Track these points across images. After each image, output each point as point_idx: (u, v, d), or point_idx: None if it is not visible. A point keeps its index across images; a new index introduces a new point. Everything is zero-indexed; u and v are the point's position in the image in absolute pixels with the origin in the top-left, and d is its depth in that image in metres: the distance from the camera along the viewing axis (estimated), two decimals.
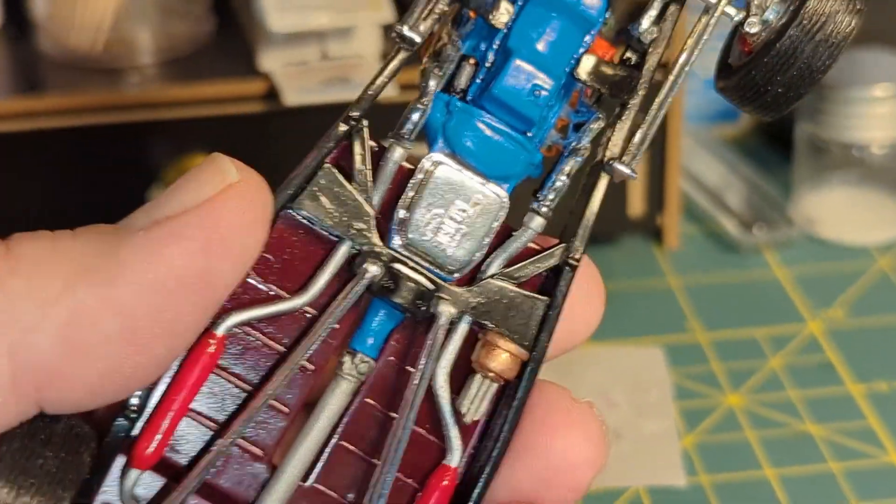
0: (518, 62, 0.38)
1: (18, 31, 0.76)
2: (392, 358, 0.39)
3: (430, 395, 0.38)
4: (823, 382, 0.70)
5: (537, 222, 0.38)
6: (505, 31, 0.38)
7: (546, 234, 0.40)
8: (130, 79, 0.73)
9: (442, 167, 0.37)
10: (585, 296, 0.39)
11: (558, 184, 0.39)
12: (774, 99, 0.39)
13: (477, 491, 0.38)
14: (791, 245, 0.81)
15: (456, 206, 0.38)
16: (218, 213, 0.35)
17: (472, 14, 0.38)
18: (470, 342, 0.38)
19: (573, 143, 0.39)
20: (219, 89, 0.72)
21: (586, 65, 0.39)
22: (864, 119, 0.78)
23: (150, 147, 0.72)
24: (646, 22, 0.39)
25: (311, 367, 0.37)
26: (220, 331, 0.36)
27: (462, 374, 0.38)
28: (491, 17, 0.38)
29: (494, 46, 0.38)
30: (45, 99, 0.72)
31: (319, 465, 0.38)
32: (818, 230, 0.81)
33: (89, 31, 0.73)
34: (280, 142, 0.72)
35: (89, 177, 0.72)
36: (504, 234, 0.39)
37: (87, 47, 0.73)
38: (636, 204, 0.78)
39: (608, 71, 0.38)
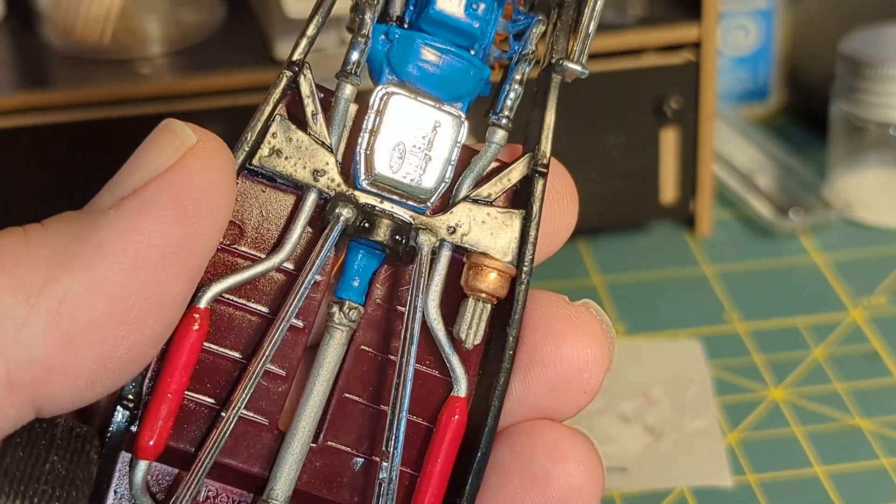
0: None
1: (21, 24, 0.73)
2: (380, 300, 0.38)
3: (425, 329, 0.37)
4: (870, 373, 0.67)
5: (499, 135, 0.38)
6: None
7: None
8: (140, 70, 0.70)
9: (394, 98, 0.37)
10: (558, 197, 0.39)
11: (513, 93, 0.38)
12: None
13: (491, 415, 0.37)
14: (828, 229, 0.78)
15: (416, 136, 0.37)
16: (184, 177, 0.34)
17: None
18: (454, 270, 0.38)
19: (519, 51, 0.39)
20: (234, 79, 0.69)
21: None
22: None
23: None
24: None
25: (301, 324, 0.37)
26: (203, 303, 0.35)
27: (452, 302, 0.38)
28: None
29: None
30: (52, 93, 0.69)
31: (329, 421, 0.37)
32: (856, 213, 0.78)
33: (96, 21, 0.70)
34: None
35: (99, 172, 0.69)
36: (468, 155, 0.38)
37: (95, 38, 0.70)
38: (668, 190, 0.75)
39: None
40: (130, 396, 0.35)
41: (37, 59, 0.72)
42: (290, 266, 0.37)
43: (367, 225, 0.37)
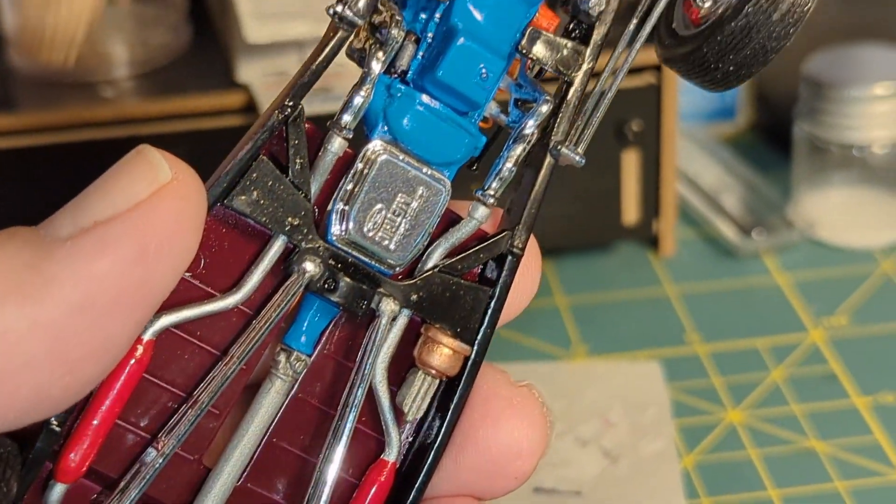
0: (462, 42, 0.36)
1: None
2: (327, 350, 0.38)
3: (369, 389, 0.37)
4: (827, 395, 0.68)
5: (482, 212, 0.38)
6: (447, 2, 0.37)
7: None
8: (105, 93, 0.71)
9: (383, 158, 0.36)
10: (525, 268, 0.38)
11: (505, 173, 0.38)
12: (725, 76, 0.38)
13: (416, 487, 0.37)
14: (791, 249, 0.78)
15: (398, 200, 0.37)
16: (152, 217, 0.33)
17: None
18: (411, 329, 0.38)
19: (519, 129, 0.38)
20: (196, 103, 0.70)
21: (530, 38, 0.38)
22: (865, 118, 0.76)
23: None
24: None
25: (243, 365, 0.36)
26: (148, 335, 0.35)
27: (401, 362, 0.38)
28: None
29: (436, 19, 0.37)
30: (17, 117, 0.69)
31: (253, 464, 0.37)
32: (819, 233, 0.79)
33: (62, 44, 0.71)
34: None
35: (64, 196, 0.70)
36: (446, 221, 0.38)
37: (60, 62, 0.71)
38: (630, 211, 0.76)
39: (553, 45, 0.38)
40: (57, 422, 0.34)
41: (2, 82, 0.73)
42: (245, 308, 0.36)
43: (329, 285, 0.36)
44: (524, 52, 0.37)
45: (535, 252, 0.39)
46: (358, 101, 0.36)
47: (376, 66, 0.36)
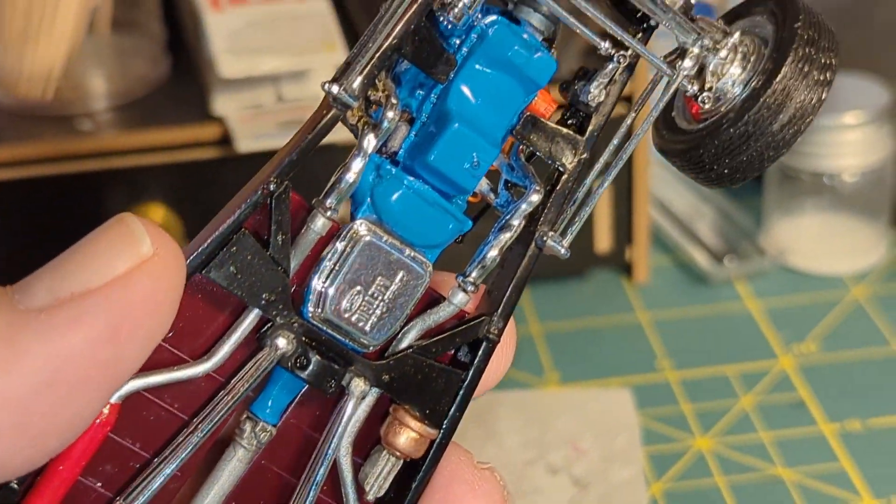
0: (457, 128, 0.36)
1: None
2: (294, 419, 0.37)
3: (333, 462, 0.37)
4: (795, 422, 0.68)
5: (461, 298, 0.37)
6: (444, 84, 0.37)
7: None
8: (83, 126, 0.72)
9: (366, 240, 0.36)
10: (499, 346, 0.38)
11: (488, 261, 0.37)
12: (719, 177, 0.38)
13: None
14: (763, 276, 0.79)
15: (377, 283, 0.36)
16: (128, 294, 0.32)
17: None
18: (379, 405, 0.37)
19: (506, 218, 0.37)
20: (172, 135, 0.70)
21: (526, 123, 0.37)
22: (835, 147, 0.77)
23: (103, 196, 0.71)
24: (595, 87, 0.38)
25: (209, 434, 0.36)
26: (115, 398, 0.34)
27: (368, 435, 0.37)
28: (433, 70, 0.36)
29: (432, 98, 0.37)
30: None
31: None
32: (790, 260, 0.80)
33: (40, 78, 0.72)
34: (233, 189, 0.70)
35: (40, 229, 0.71)
36: (426, 300, 0.38)
37: (38, 95, 0.72)
38: (603, 239, 0.77)
39: (548, 133, 0.37)
40: (16, 482, 0.34)
41: None
42: (216, 375, 0.36)
43: (300, 362, 0.36)
44: (518, 137, 0.37)
45: (510, 331, 0.38)
46: (347, 181, 0.35)
47: (368, 148, 0.35)
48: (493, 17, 0.37)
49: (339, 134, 0.36)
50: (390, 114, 0.36)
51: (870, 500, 0.63)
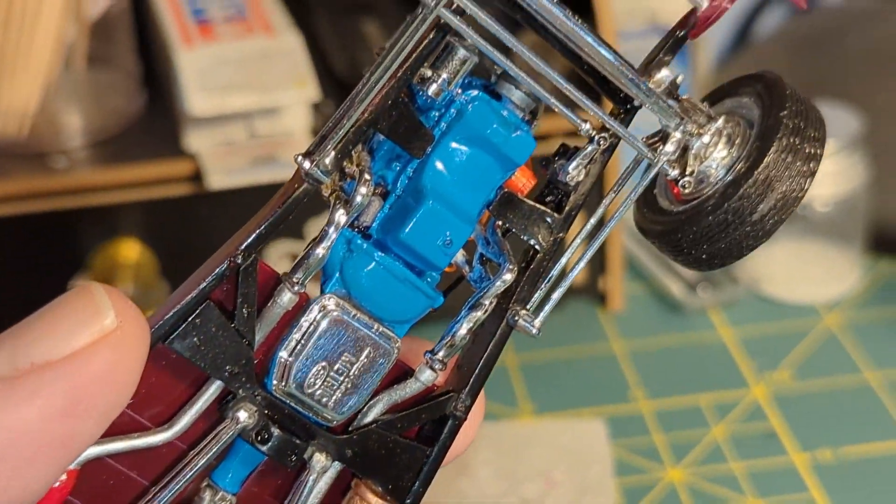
0: (431, 206, 0.36)
1: None
2: (255, 489, 0.37)
3: None
4: (766, 452, 0.69)
5: (427, 376, 0.37)
6: (420, 159, 0.36)
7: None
8: (58, 163, 0.72)
9: (333, 316, 0.36)
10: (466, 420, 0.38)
11: (457, 339, 0.37)
12: (696, 261, 0.38)
13: None
14: (736, 305, 0.80)
15: (342, 359, 0.36)
16: (89, 368, 0.32)
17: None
18: (341, 478, 0.37)
19: (478, 297, 0.37)
20: (145, 172, 0.71)
21: (503, 200, 0.37)
22: None
23: (78, 233, 0.71)
24: (573, 168, 0.37)
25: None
26: (74, 465, 0.34)
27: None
28: (409, 145, 0.36)
29: (408, 173, 0.37)
30: None
31: None
32: (764, 288, 0.80)
33: (15, 115, 0.72)
34: (208, 225, 0.70)
35: (15, 268, 0.71)
36: (395, 373, 0.37)
37: (13, 132, 0.72)
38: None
39: (524, 210, 0.37)
40: None
41: None
42: (179, 443, 0.36)
43: (261, 436, 0.36)
44: (494, 213, 0.37)
45: (479, 403, 0.38)
46: (316, 257, 0.35)
47: (339, 223, 0.35)
48: (473, 93, 0.36)
49: None
50: (363, 189, 0.35)
51: None
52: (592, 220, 0.38)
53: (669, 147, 0.37)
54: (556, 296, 0.37)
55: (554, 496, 0.67)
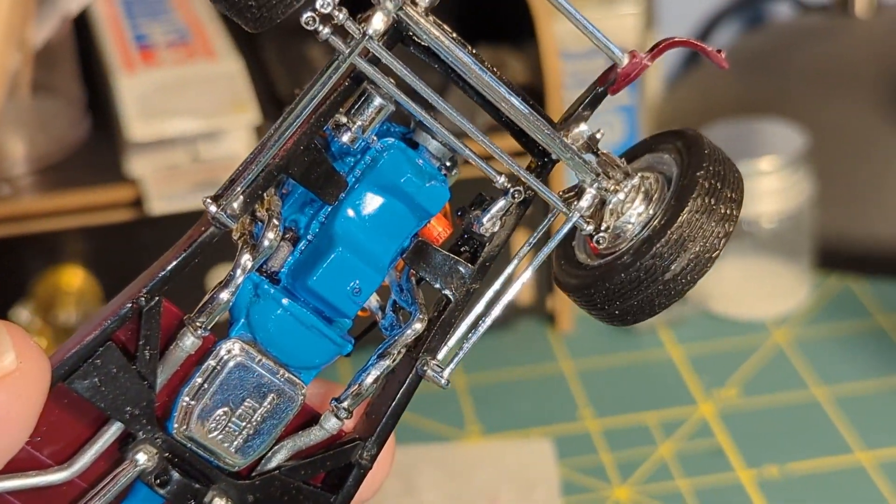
0: (339, 253, 0.36)
1: None
2: None
3: None
4: (712, 469, 0.69)
5: (332, 424, 0.37)
6: (333, 206, 0.36)
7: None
8: (1, 191, 0.72)
9: (237, 360, 0.36)
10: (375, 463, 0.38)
11: (364, 388, 0.37)
12: (610, 317, 0.38)
13: None
14: (686, 322, 0.80)
15: (245, 405, 0.36)
16: None
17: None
18: None
19: (387, 346, 0.37)
20: (88, 198, 0.71)
21: (416, 249, 0.37)
22: (751, 193, 0.77)
23: (22, 260, 0.71)
24: (488, 221, 0.37)
25: None
26: None
27: None
28: (321, 192, 0.35)
29: (320, 218, 0.36)
30: None
31: None
32: (712, 305, 0.80)
33: None
34: (151, 250, 0.70)
35: None
36: (302, 417, 0.37)
37: None
38: (524, 291, 0.77)
39: (437, 260, 0.37)
40: None
41: None
42: (78, 481, 0.36)
43: (160, 479, 0.36)
44: (408, 262, 0.37)
45: (388, 449, 0.38)
46: (220, 301, 0.35)
47: (245, 267, 0.35)
48: (389, 140, 0.36)
49: None
50: (270, 234, 0.35)
51: None
52: (507, 271, 0.37)
53: (584, 202, 0.37)
54: (466, 347, 0.37)
55: None
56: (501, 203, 0.37)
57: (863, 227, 0.82)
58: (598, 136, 0.37)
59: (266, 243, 0.35)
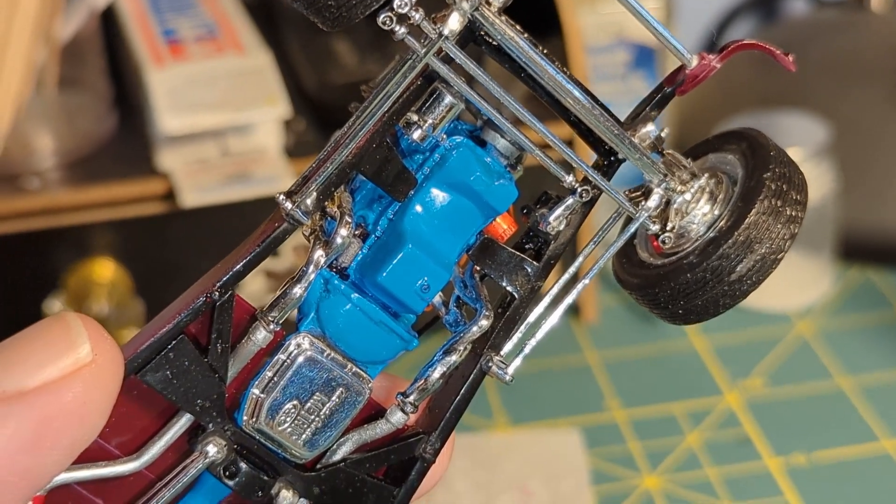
0: (410, 250, 0.36)
1: None
2: None
3: None
4: (741, 458, 0.69)
5: (398, 418, 0.37)
6: (402, 203, 0.36)
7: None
8: (30, 184, 0.72)
9: (307, 355, 0.36)
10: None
11: (430, 384, 0.37)
12: (672, 315, 0.38)
13: None
14: None
15: (314, 399, 0.36)
16: (59, 400, 0.31)
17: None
18: None
19: (453, 342, 0.37)
20: (118, 191, 0.71)
21: (482, 247, 0.37)
22: None
23: (49, 254, 0.71)
24: (554, 219, 0.37)
25: None
26: (41, 490, 0.34)
27: None
28: (391, 189, 0.35)
29: (389, 215, 0.37)
30: None
31: None
32: None
33: None
34: (181, 243, 0.71)
35: None
36: (367, 411, 0.37)
37: None
38: (550, 280, 0.77)
39: (502, 257, 0.37)
40: None
41: None
42: (147, 472, 0.36)
43: (229, 471, 0.36)
44: (473, 258, 0.37)
45: (448, 444, 0.38)
46: (293, 296, 0.35)
47: (318, 263, 0.35)
48: (457, 139, 0.36)
49: None
50: (343, 231, 0.35)
51: None
52: (571, 270, 0.38)
53: (651, 203, 0.37)
54: (531, 343, 0.37)
55: None
56: (569, 202, 0.37)
57: (883, 220, 0.83)
58: (663, 135, 0.38)
59: (339, 240, 0.35)
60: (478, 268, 0.37)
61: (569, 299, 0.38)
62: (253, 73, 0.71)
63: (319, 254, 0.35)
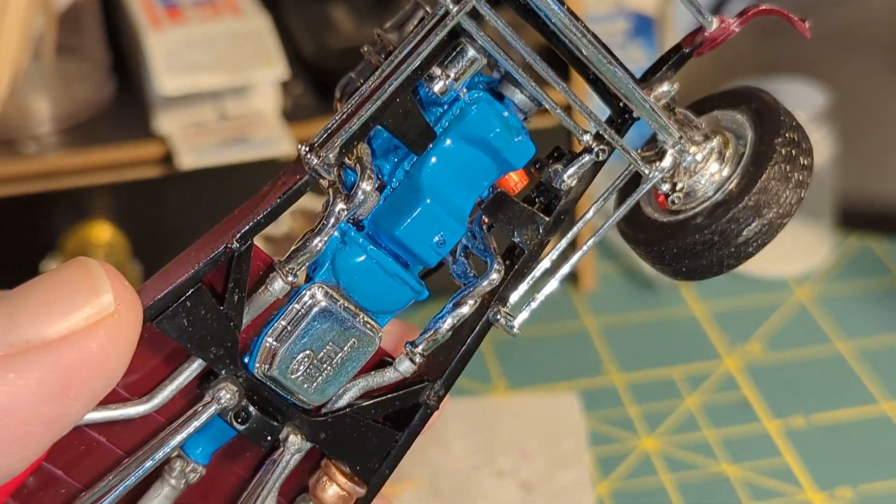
0: (428, 205, 0.36)
1: None
2: (224, 461, 0.38)
3: None
4: (740, 420, 0.69)
5: (406, 367, 0.37)
6: (419, 154, 0.36)
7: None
8: (28, 148, 0.72)
9: (322, 306, 0.36)
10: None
11: (439, 335, 0.37)
12: (675, 273, 0.38)
13: None
14: (707, 280, 0.80)
15: (327, 348, 0.36)
16: (83, 351, 0.31)
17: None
18: (310, 455, 0.38)
19: (462, 295, 0.37)
20: (115, 155, 0.71)
21: (494, 200, 0.37)
22: None
23: (47, 217, 0.71)
24: (569, 176, 0.37)
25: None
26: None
27: (292, 483, 0.38)
28: (411, 142, 0.35)
29: (405, 166, 0.37)
30: None
31: None
32: None
33: None
34: (179, 206, 0.71)
35: None
36: (373, 360, 0.37)
37: None
38: (547, 248, 0.77)
39: (514, 211, 0.37)
40: None
41: None
42: (157, 416, 0.36)
43: (239, 416, 0.36)
44: (485, 212, 0.37)
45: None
46: (313, 248, 0.35)
47: (339, 216, 0.35)
48: (477, 93, 0.36)
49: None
50: (366, 186, 0.35)
51: (813, 493, 0.64)
52: (580, 224, 0.38)
53: (665, 163, 0.37)
54: (540, 297, 0.37)
55: (528, 468, 0.67)
56: (585, 159, 0.37)
57: (881, 188, 0.83)
58: (674, 94, 0.37)
59: (361, 194, 0.35)
60: (486, 219, 0.37)
61: (578, 254, 0.38)
62: (250, 35, 0.71)
63: (341, 207, 0.35)
